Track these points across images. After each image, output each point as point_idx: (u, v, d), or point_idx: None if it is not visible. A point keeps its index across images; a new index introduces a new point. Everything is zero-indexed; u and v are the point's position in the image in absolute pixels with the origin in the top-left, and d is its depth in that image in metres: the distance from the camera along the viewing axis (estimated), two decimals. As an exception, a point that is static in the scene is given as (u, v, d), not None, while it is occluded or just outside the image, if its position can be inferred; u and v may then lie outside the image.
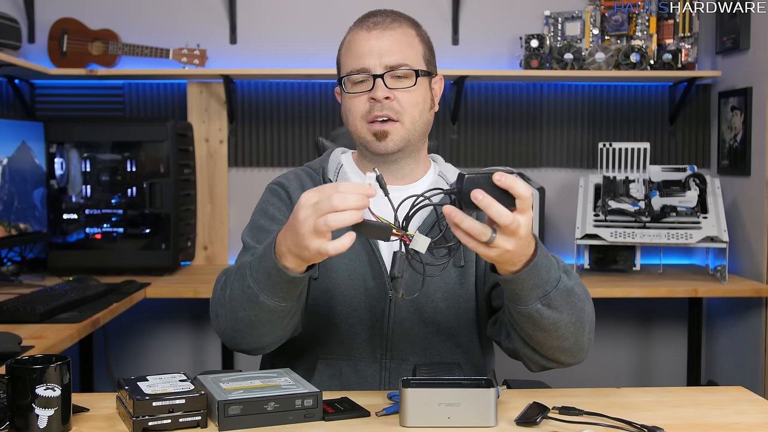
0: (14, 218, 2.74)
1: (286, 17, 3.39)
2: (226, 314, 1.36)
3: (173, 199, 2.99)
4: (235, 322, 1.35)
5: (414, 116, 1.49)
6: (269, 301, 1.29)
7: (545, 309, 1.29)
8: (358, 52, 1.49)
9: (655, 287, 2.91)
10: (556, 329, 1.32)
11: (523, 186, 1.16)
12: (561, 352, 1.37)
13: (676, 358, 3.46)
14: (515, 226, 1.16)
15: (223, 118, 3.39)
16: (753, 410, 1.34)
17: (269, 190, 1.60)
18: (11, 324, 2.07)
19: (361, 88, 1.49)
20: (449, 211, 1.16)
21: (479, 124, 3.46)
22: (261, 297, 1.29)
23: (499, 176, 1.15)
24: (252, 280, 1.29)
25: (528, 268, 1.24)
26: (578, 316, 1.33)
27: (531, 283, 1.26)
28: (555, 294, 1.28)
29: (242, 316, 1.33)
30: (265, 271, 1.27)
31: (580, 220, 3.03)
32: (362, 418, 1.25)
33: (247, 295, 1.30)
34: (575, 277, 1.35)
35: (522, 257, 1.24)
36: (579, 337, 1.35)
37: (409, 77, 1.49)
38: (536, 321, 1.31)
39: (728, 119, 3.27)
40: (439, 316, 1.50)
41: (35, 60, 3.22)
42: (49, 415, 1.15)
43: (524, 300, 1.28)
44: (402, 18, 1.54)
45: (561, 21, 3.33)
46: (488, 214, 1.15)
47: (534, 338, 1.35)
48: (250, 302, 1.30)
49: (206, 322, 3.44)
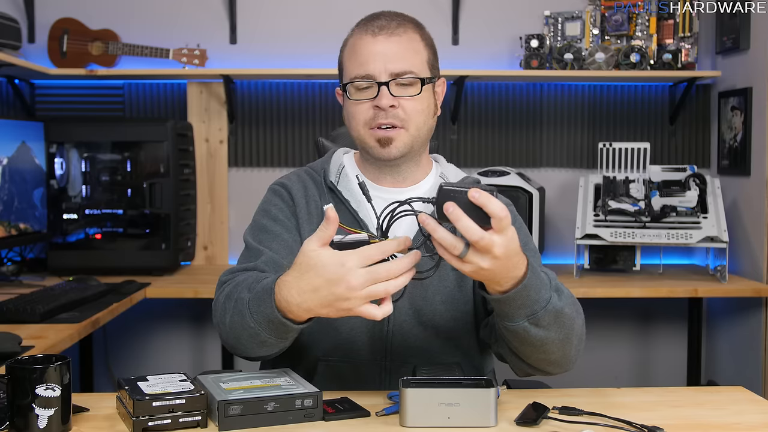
0: (14, 218, 2.74)
1: (286, 17, 3.39)
2: (228, 332, 1.36)
3: (173, 199, 2.99)
4: (236, 341, 1.35)
5: (419, 123, 1.49)
6: (272, 340, 1.30)
7: (532, 327, 1.28)
8: (362, 58, 1.47)
9: (655, 287, 2.91)
10: (543, 345, 1.32)
11: (498, 205, 1.13)
12: (547, 364, 1.38)
13: (676, 358, 3.46)
14: (486, 243, 1.14)
15: (223, 118, 3.39)
16: (753, 410, 1.34)
17: (271, 190, 1.59)
18: (11, 324, 2.07)
19: (365, 94, 1.48)
20: (422, 220, 1.16)
21: (479, 124, 3.46)
22: (263, 336, 1.29)
23: (473, 192, 1.13)
24: (253, 321, 1.29)
25: (516, 290, 1.23)
26: (566, 333, 1.33)
27: (519, 303, 1.26)
28: (543, 314, 1.27)
29: (244, 341, 1.33)
30: (265, 316, 1.27)
31: (580, 220, 3.03)
32: (362, 418, 1.25)
33: (248, 332, 1.30)
34: (567, 295, 1.34)
35: (508, 279, 1.22)
36: (566, 351, 1.35)
37: (415, 85, 1.47)
38: (523, 338, 1.31)
39: (728, 119, 3.27)
40: (437, 318, 1.50)
41: (35, 60, 3.22)
42: (49, 415, 1.15)
43: (511, 317, 1.28)
44: (407, 21, 1.52)
45: (561, 21, 3.33)
46: (457, 227, 1.14)
47: (520, 350, 1.36)
48: (251, 337, 1.31)
49: (206, 322, 3.44)
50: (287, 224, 1.53)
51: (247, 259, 1.49)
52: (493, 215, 1.13)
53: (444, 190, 1.15)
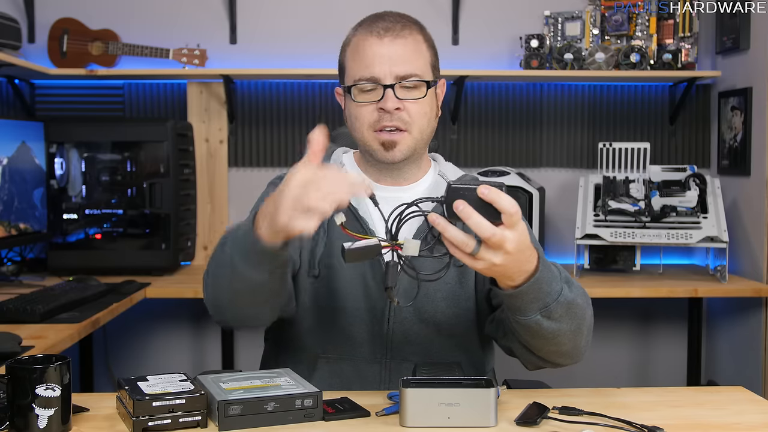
0: (14, 218, 2.74)
1: (286, 17, 3.39)
2: (211, 283, 1.36)
3: (173, 199, 2.99)
4: (217, 290, 1.35)
5: (422, 126, 1.49)
6: (243, 269, 1.26)
7: (545, 320, 1.29)
8: (367, 60, 1.46)
9: (655, 287, 2.91)
10: (555, 337, 1.32)
11: (508, 201, 1.14)
12: (558, 356, 1.38)
13: (676, 358, 3.46)
14: (497, 239, 1.15)
15: (223, 118, 3.39)
16: (753, 410, 1.34)
17: (271, 184, 1.60)
18: (11, 324, 2.07)
19: (369, 97, 1.47)
20: (433, 220, 1.16)
21: (479, 124, 3.46)
22: (235, 261, 1.26)
23: (483, 189, 1.14)
24: (229, 245, 1.28)
25: (529, 283, 1.24)
26: (578, 324, 1.33)
27: (531, 296, 1.26)
28: (555, 306, 1.28)
29: (222, 284, 1.32)
30: (241, 238, 1.25)
31: (580, 220, 3.03)
32: (362, 418, 1.25)
33: (223, 261, 1.30)
34: (577, 286, 1.35)
35: (520, 273, 1.23)
36: (577, 342, 1.36)
37: (419, 88, 1.47)
38: (535, 331, 1.31)
39: (728, 119, 3.27)
40: (439, 315, 1.50)
41: (35, 60, 3.22)
42: (49, 415, 1.15)
43: (524, 311, 1.29)
44: (411, 23, 1.51)
45: (561, 21, 3.33)
46: (468, 225, 1.14)
47: (532, 344, 1.36)
48: (227, 268, 1.29)
49: (206, 322, 3.44)
50: None
51: None
52: (503, 211, 1.14)
53: (453, 188, 1.15)
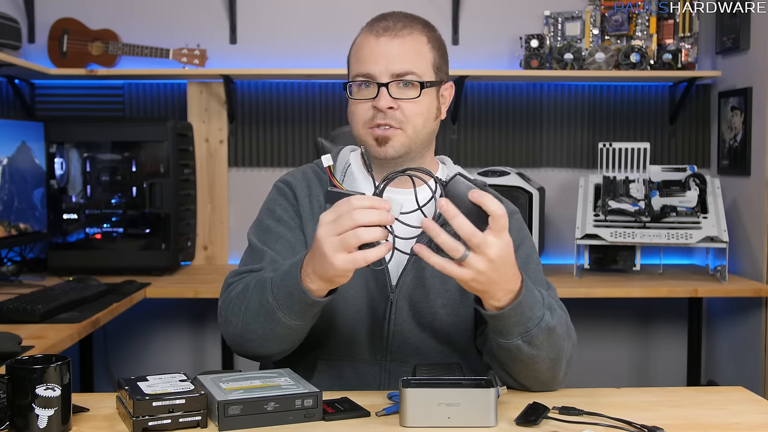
0: (14, 218, 2.74)
1: (286, 17, 3.38)
2: (239, 323, 1.38)
3: (173, 199, 2.99)
4: (246, 332, 1.38)
5: (417, 126, 1.47)
6: (285, 319, 1.32)
7: (525, 345, 1.31)
8: (364, 57, 1.47)
9: (655, 287, 2.91)
10: (533, 363, 1.35)
11: (497, 204, 1.16)
12: (534, 382, 1.40)
13: (676, 358, 3.46)
14: (478, 241, 1.17)
15: (223, 118, 3.39)
16: (753, 410, 1.34)
17: (276, 188, 1.59)
18: (11, 324, 2.07)
19: (365, 94, 1.47)
20: (427, 225, 1.18)
21: (479, 124, 3.46)
22: (278, 314, 1.32)
23: (474, 192, 1.17)
24: (272, 296, 1.32)
25: (511, 306, 1.27)
26: (557, 353, 1.36)
27: (513, 320, 1.29)
28: (536, 332, 1.31)
29: (255, 328, 1.36)
30: (286, 289, 1.30)
31: (580, 220, 3.03)
32: (362, 418, 1.25)
33: (264, 309, 1.33)
34: (558, 314, 1.37)
35: (504, 292, 1.26)
36: (555, 372, 1.38)
37: (416, 87, 1.46)
38: (515, 355, 1.34)
39: (728, 119, 3.27)
40: (436, 322, 1.51)
41: (35, 60, 3.22)
42: (49, 415, 1.15)
43: (506, 334, 1.31)
44: (414, 23, 1.50)
45: (561, 21, 3.33)
46: (451, 225, 1.16)
47: (511, 367, 1.38)
48: (267, 317, 1.33)
49: (206, 322, 3.44)
50: (291, 224, 1.54)
51: (251, 258, 1.51)
52: (491, 213, 1.17)
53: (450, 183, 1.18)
